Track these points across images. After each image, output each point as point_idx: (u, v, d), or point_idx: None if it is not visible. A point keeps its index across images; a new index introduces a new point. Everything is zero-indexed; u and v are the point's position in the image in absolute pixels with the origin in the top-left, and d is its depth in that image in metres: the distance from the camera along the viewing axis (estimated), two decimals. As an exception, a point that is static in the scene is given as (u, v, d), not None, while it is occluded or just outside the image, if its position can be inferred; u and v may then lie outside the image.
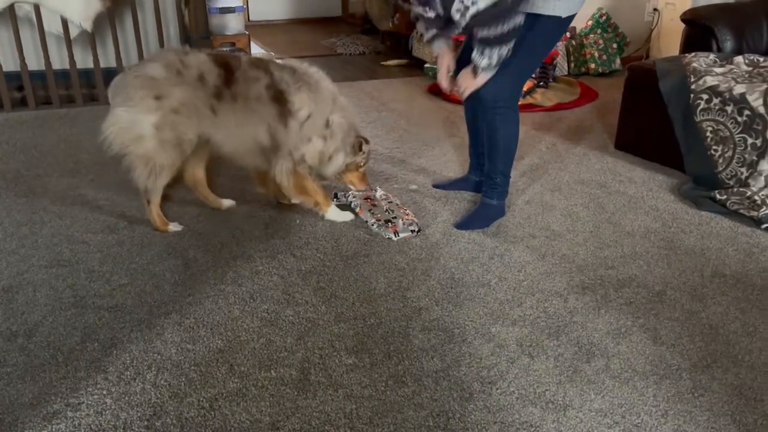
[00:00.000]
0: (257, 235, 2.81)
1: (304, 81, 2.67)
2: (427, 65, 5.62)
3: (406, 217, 2.83)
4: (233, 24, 4.98)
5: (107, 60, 4.78)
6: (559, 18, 2.55)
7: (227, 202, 3.03)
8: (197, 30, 4.79)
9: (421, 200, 3.21)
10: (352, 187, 2.94)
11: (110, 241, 2.71)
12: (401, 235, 2.75)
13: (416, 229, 2.79)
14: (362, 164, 2.88)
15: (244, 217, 2.95)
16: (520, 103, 4.88)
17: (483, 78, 2.59)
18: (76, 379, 1.93)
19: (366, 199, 3.04)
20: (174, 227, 2.80)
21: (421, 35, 2.83)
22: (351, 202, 2.95)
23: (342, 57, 6.49)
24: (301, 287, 2.41)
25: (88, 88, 4.68)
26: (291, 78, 2.65)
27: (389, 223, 2.78)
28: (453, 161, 3.74)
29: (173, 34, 5.17)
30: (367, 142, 2.84)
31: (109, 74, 4.04)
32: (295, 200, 2.87)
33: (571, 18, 2.58)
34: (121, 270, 2.51)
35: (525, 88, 4.97)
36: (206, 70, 2.58)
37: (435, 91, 5.21)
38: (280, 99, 2.60)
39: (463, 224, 2.87)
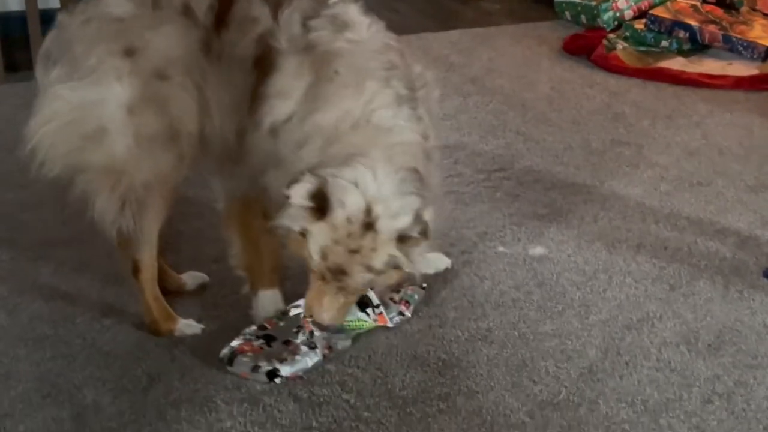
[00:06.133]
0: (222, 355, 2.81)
1: (319, 39, 2.64)
2: (561, -2, 5.67)
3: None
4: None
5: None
6: None
7: (194, 278, 3.18)
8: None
9: (554, 277, 3.21)
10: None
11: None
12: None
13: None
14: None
15: (196, 316, 2.99)
16: (754, 69, 4.85)
17: None
18: None
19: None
20: (188, 327, 2.94)
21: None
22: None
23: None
24: (310, 466, 2.45)
25: None
26: (300, 25, 2.67)
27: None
28: (629, 195, 3.74)
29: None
30: (412, 235, 2.49)
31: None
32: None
33: None
34: (-47, 433, 2.55)
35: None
36: None
37: (579, 50, 5.24)
38: (264, 63, 2.67)
39: None
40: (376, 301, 2.89)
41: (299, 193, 2.43)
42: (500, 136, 4.27)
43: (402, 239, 2.45)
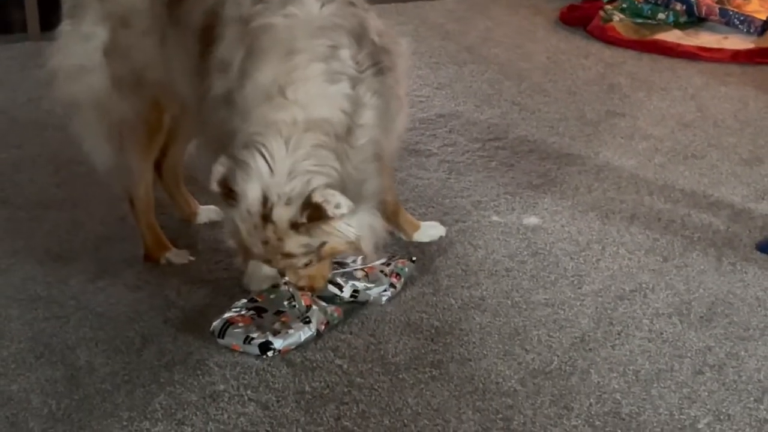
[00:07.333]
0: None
1: (260, 11, 2.58)
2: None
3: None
4: None
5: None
6: None
7: (208, 213, 3.32)
8: None
9: (547, 247, 3.22)
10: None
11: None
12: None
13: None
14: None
15: (190, 279, 3.01)
16: (750, 43, 4.85)
17: None
18: None
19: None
20: (176, 256, 3.10)
21: None
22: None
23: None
24: (303, 429, 2.41)
25: None
26: None
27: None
28: (623, 167, 3.73)
29: None
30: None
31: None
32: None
33: None
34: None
35: None
36: None
37: (576, 21, 5.24)
38: (209, 34, 2.69)
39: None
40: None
41: (214, 178, 2.45)
42: (495, 106, 4.27)
43: (295, 226, 2.41)
